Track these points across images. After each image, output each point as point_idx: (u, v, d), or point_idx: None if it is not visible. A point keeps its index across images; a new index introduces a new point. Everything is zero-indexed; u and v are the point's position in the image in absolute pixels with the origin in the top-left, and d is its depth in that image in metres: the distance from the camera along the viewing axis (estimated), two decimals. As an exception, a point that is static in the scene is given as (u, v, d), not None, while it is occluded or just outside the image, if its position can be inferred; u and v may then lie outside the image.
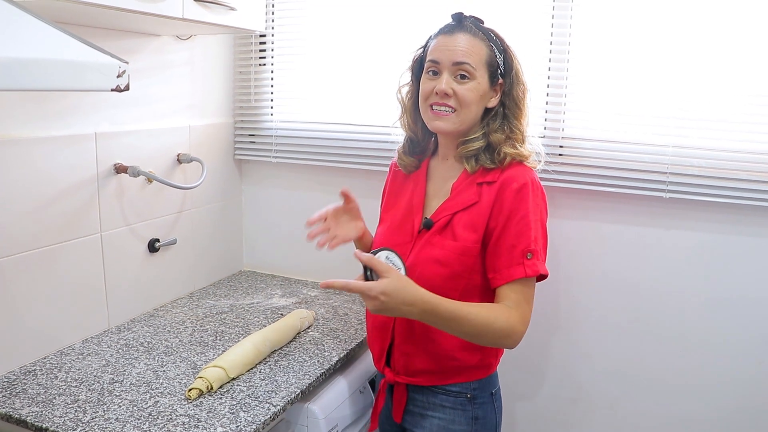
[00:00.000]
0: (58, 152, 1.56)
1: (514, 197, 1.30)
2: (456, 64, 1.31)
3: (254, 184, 2.26)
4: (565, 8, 1.71)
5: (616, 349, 1.83)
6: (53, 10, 1.29)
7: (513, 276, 1.28)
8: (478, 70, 1.32)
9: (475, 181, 1.36)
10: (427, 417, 1.43)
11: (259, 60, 2.14)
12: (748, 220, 1.64)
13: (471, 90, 1.32)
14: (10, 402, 1.35)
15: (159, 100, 1.88)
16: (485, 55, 1.33)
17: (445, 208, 1.37)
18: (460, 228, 1.34)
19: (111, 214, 1.73)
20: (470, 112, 1.34)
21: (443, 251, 1.34)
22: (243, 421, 1.29)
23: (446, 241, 1.35)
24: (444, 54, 1.33)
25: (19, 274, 1.49)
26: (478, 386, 1.41)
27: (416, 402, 1.45)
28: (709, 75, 1.61)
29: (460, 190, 1.37)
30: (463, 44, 1.32)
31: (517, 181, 1.31)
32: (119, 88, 1.08)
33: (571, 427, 1.93)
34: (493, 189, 1.33)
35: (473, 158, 1.36)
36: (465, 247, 1.33)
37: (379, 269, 1.17)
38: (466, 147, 1.36)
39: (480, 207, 1.33)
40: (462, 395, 1.40)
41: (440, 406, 1.42)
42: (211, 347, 1.64)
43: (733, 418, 1.73)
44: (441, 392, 1.41)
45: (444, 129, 1.35)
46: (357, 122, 2.01)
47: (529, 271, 1.28)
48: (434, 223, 1.37)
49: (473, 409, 1.41)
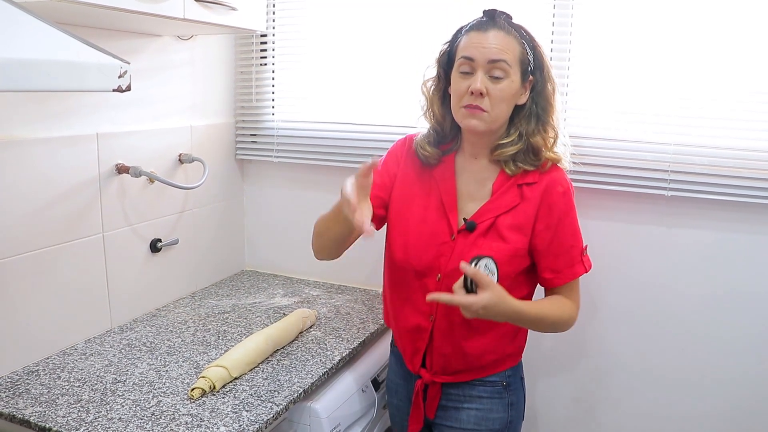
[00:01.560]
0: (59, 153, 1.56)
1: (562, 201, 1.35)
2: (492, 62, 1.29)
3: (256, 184, 2.26)
4: (566, 6, 1.71)
5: (618, 346, 1.83)
6: (54, 11, 1.29)
7: (576, 274, 1.39)
8: (512, 68, 1.30)
9: (516, 183, 1.36)
10: (462, 410, 1.45)
11: (261, 60, 2.14)
12: (749, 218, 1.64)
13: (504, 90, 1.30)
14: (13, 402, 1.35)
15: (160, 101, 1.88)
16: (518, 53, 1.32)
17: (488, 210, 1.37)
18: (506, 230, 1.35)
19: (113, 214, 1.73)
20: (503, 111, 1.33)
21: (492, 253, 1.30)
22: (246, 420, 1.29)
23: (494, 243, 1.35)
24: (479, 51, 1.30)
25: (22, 274, 1.49)
26: (512, 373, 1.46)
27: (450, 396, 1.46)
28: (711, 73, 1.61)
29: (501, 192, 1.37)
30: (497, 41, 1.30)
31: (561, 185, 1.36)
32: (121, 89, 1.08)
33: (576, 424, 1.93)
34: (535, 190, 1.35)
35: (512, 161, 1.36)
36: (516, 249, 1.35)
37: (482, 282, 1.19)
38: (503, 151, 1.35)
39: (524, 208, 1.35)
40: (498, 384, 1.44)
41: (477, 398, 1.44)
42: (214, 347, 1.64)
43: (737, 415, 1.73)
44: (479, 384, 1.44)
45: (478, 127, 1.33)
46: (359, 122, 2.01)
47: (587, 267, 1.40)
48: (477, 224, 1.36)
49: (509, 396, 1.45)
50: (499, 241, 1.35)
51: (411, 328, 1.45)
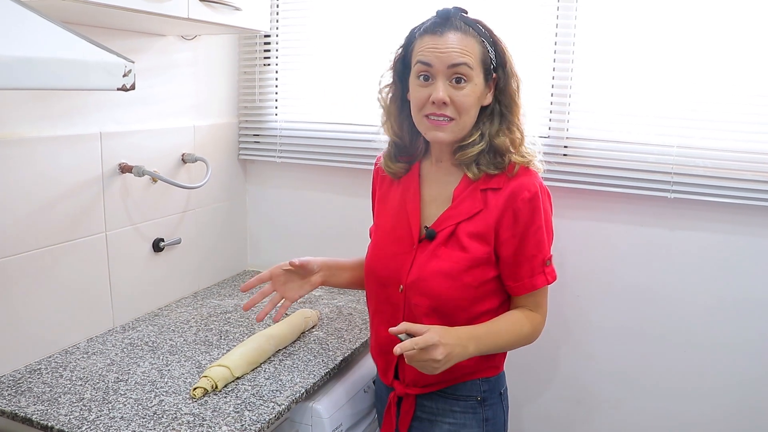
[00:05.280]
0: (63, 152, 1.56)
1: (528, 208, 1.26)
2: (452, 67, 1.21)
3: (259, 184, 2.26)
4: (570, 8, 1.71)
5: (620, 350, 1.82)
6: (59, 10, 1.29)
7: (536, 286, 1.31)
8: (474, 70, 1.23)
9: (479, 188, 1.29)
10: (436, 423, 1.39)
11: (264, 60, 2.14)
12: (752, 221, 1.63)
13: (468, 95, 1.23)
14: (15, 400, 1.35)
15: (164, 100, 1.88)
16: (479, 53, 1.24)
17: (449, 217, 1.30)
18: (466, 238, 1.28)
19: (116, 213, 1.73)
20: (470, 117, 1.26)
21: (451, 263, 1.28)
22: (248, 420, 1.29)
23: (454, 253, 1.28)
24: (436, 57, 1.22)
25: (24, 273, 1.50)
26: (488, 387, 1.38)
27: (425, 408, 1.40)
28: (714, 75, 1.60)
29: (463, 198, 1.30)
30: (456, 44, 1.21)
31: (529, 190, 1.26)
32: (125, 88, 1.08)
33: (576, 428, 1.93)
34: (500, 196, 1.27)
35: (474, 164, 1.28)
36: (476, 258, 1.28)
37: (417, 330, 1.18)
38: (464, 153, 1.28)
39: (486, 215, 1.27)
40: (472, 398, 1.37)
41: (450, 411, 1.38)
42: (216, 346, 1.64)
43: (738, 420, 1.72)
44: (451, 397, 1.38)
45: (444, 140, 1.27)
46: (362, 122, 2.00)
47: (550, 279, 1.33)
48: (437, 233, 1.31)
49: (483, 411, 1.38)
50: (457, 250, 1.28)
51: (382, 340, 1.39)
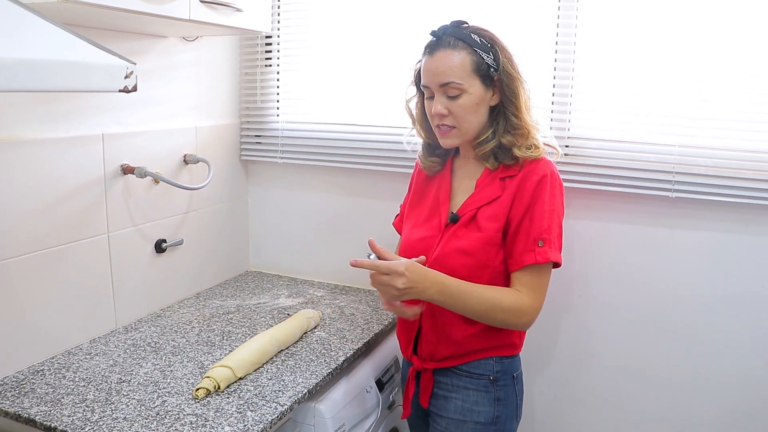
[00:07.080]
0: (65, 153, 1.57)
1: (534, 188, 1.36)
2: (443, 86, 1.35)
3: (260, 185, 2.27)
4: (571, 8, 1.71)
5: (622, 347, 1.82)
6: (61, 12, 1.29)
7: (524, 262, 1.36)
8: (465, 82, 1.34)
9: (498, 177, 1.41)
10: (450, 399, 1.47)
11: (265, 61, 2.14)
12: (754, 220, 1.63)
13: (464, 105, 1.36)
14: (19, 401, 1.35)
15: (165, 101, 1.88)
16: (469, 64, 1.34)
17: (471, 203, 1.43)
18: (484, 220, 1.39)
19: (118, 214, 1.74)
20: (471, 122, 1.38)
21: (468, 242, 1.39)
22: (250, 420, 1.30)
23: (472, 233, 1.40)
24: (429, 78, 1.37)
25: (27, 274, 1.50)
26: (501, 369, 1.45)
27: (440, 385, 1.48)
28: (715, 74, 1.60)
29: (484, 186, 1.43)
30: (442, 63, 1.34)
31: (537, 174, 1.37)
32: (127, 89, 1.09)
33: (578, 425, 1.93)
34: (514, 181, 1.39)
35: (492, 157, 1.41)
36: (488, 237, 1.38)
37: (389, 257, 1.31)
38: (481, 149, 1.41)
39: (502, 199, 1.39)
40: (485, 377, 1.44)
41: (463, 388, 1.45)
42: (218, 347, 1.64)
43: (740, 417, 1.72)
44: (465, 375, 1.45)
45: (452, 145, 1.44)
46: (363, 123, 2.01)
47: (539, 258, 1.35)
48: (460, 217, 1.42)
49: (495, 391, 1.45)
50: (474, 231, 1.40)
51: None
